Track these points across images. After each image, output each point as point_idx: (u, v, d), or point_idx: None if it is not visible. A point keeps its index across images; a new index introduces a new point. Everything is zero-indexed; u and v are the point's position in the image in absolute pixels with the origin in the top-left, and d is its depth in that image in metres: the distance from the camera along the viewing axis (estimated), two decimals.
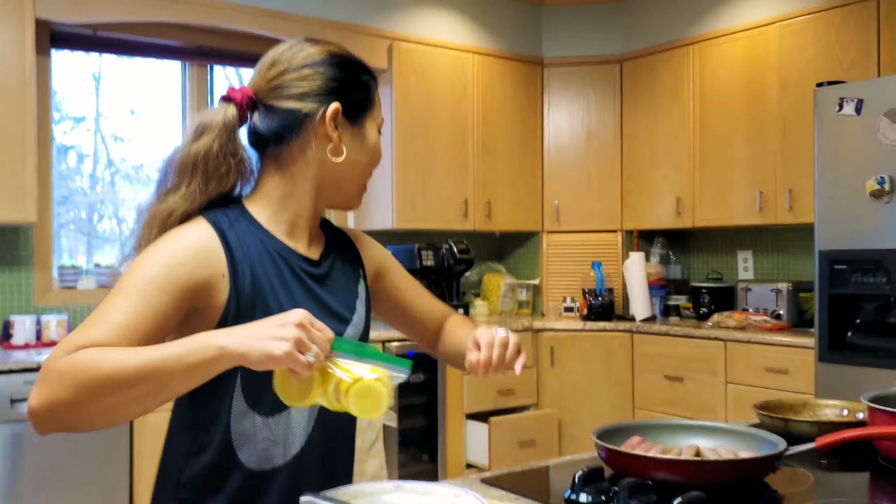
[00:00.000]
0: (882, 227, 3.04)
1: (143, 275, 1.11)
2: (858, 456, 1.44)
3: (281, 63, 1.22)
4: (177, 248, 1.14)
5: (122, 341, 1.06)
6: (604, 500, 1.18)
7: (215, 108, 1.21)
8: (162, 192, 1.20)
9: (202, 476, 1.21)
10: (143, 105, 4.13)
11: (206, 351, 1.02)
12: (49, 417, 1.03)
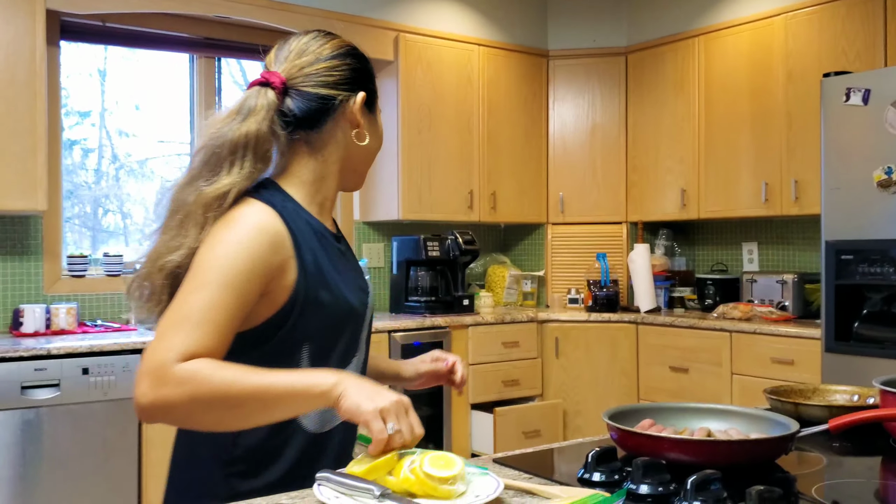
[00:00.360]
0: (889, 217, 3.04)
1: (229, 265, 1.13)
2: (870, 439, 1.45)
3: (310, 52, 1.28)
4: (254, 235, 1.16)
5: (224, 341, 1.12)
6: (617, 479, 1.19)
7: (253, 91, 1.25)
8: (208, 173, 1.20)
9: (261, 446, 1.24)
10: (149, 100, 4.14)
11: (319, 388, 1.10)
12: (159, 416, 1.10)
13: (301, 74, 1.27)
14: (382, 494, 1.06)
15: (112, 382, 3.01)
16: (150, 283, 1.22)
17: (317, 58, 1.28)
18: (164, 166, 4.30)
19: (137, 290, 1.24)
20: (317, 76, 1.27)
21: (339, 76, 1.29)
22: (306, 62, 1.28)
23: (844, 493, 1.17)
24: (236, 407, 1.10)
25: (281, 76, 1.26)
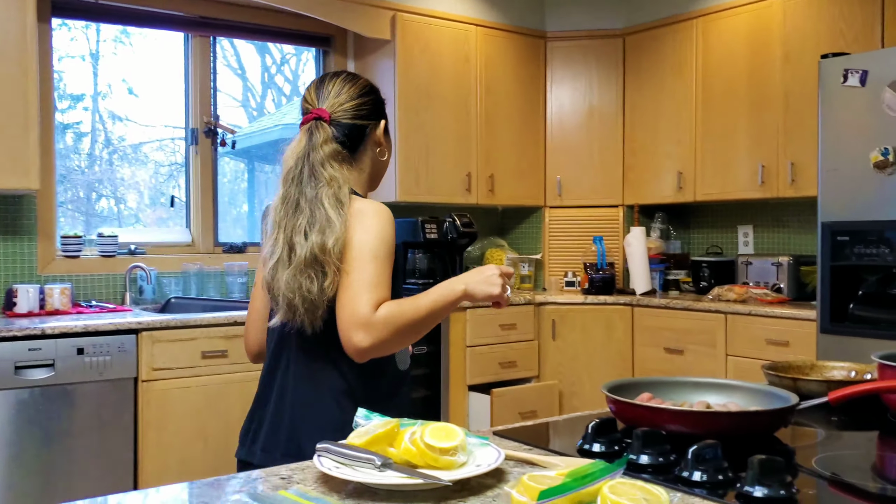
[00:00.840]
0: (885, 198, 3.04)
1: (384, 242, 1.55)
2: (868, 413, 1.45)
3: (345, 92, 1.67)
4: (390, 220, 1.58)
5: (390, 291, 1.53)
6: (616, 450, 1.19)
7: (315, 125, 1.62)
8: (314, 182, 1.57)
9: (381, 390, 1.62)
10: (143, 84, 4.11)
11: (456, 293, 1.54)
12: (374, 353, 1.49)
13: (342, 110, 1.65)
14: (384, 464, 1.06)
15: (107, 362, 3.00)
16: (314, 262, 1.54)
17: (351, 96, 1.66)
18: (157, 150, 4.28)
19: (294, 269, 1.53)
20: (354, 111, 1.66)
21: (369, 110, 1.68)
22: (345, 100, 1.66)
23: (843, 464, 1.17)
24: (420, 326, 1.52)
25: (327, 112, 1.63)
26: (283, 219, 1.57)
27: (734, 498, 0.98)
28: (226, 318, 3.25)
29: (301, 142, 1.62)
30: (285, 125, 4.87)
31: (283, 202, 1.58)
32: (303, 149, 1.61)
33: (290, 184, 1.59)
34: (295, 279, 1.51)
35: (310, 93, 1.69)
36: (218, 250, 4.09)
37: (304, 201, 1.55)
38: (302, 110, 1.69)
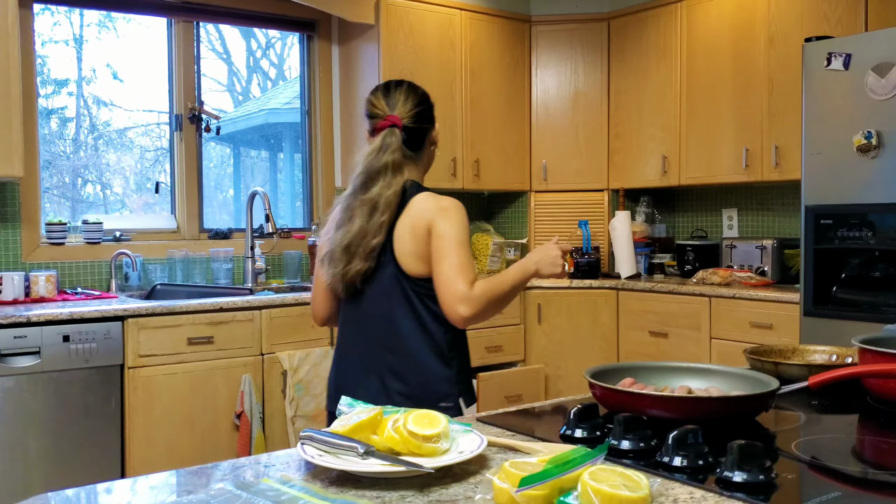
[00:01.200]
0: (868, 181, 3.06)
1: (466, 230, 1.89)
2: (848, 397, 1.47)
3: (411, 100, 1.99)
4: (464, 211, 1.92)
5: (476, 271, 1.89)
6: (598, 435, 1.20)
7: (387, 131, 1.93)
8: (371, 184, 1.89)
9: (460, 341, 1.96)
10: (127, 69, 4.07)
11: (529, 272, 1.94)
12: (474, 321, 1.83)
13: (409, 116, 1.97)
14: (366, 452, 1.07)
15: (93, 349, 2.99)
16: (365, 249, 1.88)
17: (417, 103, 1.99)
18: (143, 136, 4.24)
19: (351, 254, 1.88)
20: (419, 116, 1.98)
21: (429, 115, 2.03)
22: (411, 107, 1.98)
23: (823, 448, 1.18)
24: (505, 299, 1.89)
25: (399, 119, 1.94)
26: (349, 207, 1.92)
27: (714, 483, 0.99)
28: (212, 305, 3.25)
29: (380, 145, 1.93)
30: (270, 110, 4.84)
31: (352, 188, 1.93)
32: (376, 149, 1.93)
33: (371, 182, 1.90)
34: (345, 252, 1.90)
35: (378, 101, 1.99)
36: (203, 236, 4.08)
37: (381, 199, 1.88)
38: (370, 115, 2.00)
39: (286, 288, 3.99)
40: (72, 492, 1.01)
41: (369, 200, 1.88)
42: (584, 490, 0.87)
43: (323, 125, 4.45)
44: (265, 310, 3.39)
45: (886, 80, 2.99)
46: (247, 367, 3.33)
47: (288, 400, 3.41)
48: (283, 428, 3.43)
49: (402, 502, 0.96)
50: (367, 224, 1.87)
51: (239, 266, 4.06)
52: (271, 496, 0.96)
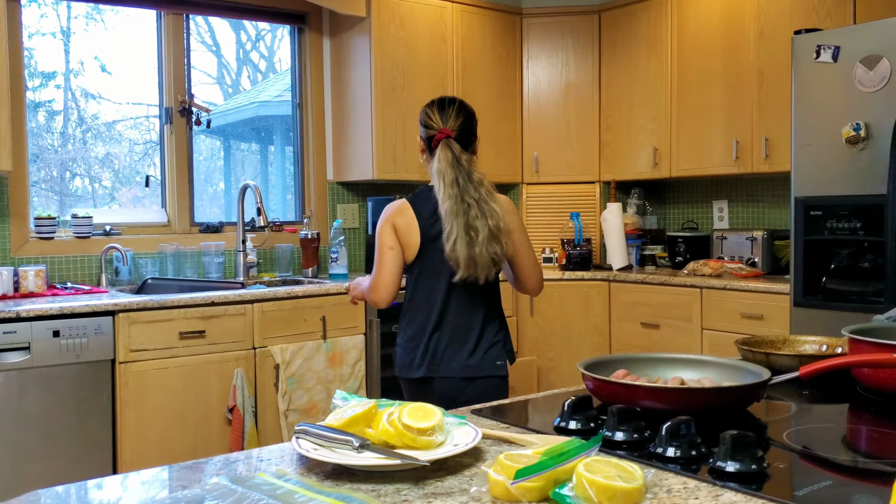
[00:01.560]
0: (857, 172, 3.08)
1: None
2: (838, 387, 1.48)
3: (462, 115, 2.43)
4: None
5: None
6: (592, 427, 1.21)
7: (449, 143, 2.38)
8: (472, 185, 2.34)
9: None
10: (116, 61, 4.05)
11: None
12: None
13: (460, 129, 2.41)
14: (362, 445, 1.07)
15: (84, 345, 2.98)
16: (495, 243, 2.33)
17: (467, 117, 2.44)
18: (132, 129, 4.22)
19: (486, 246, 2.31)
20: (469, 130, 2.44)
21: (475, 126, 2.47)
22: (462, 121, 2.42)
23: (813, 438, 1.19)
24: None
25: (452, 132, 2.38)
26: (457, 213, 2.28)
27: (707, 473, 1.00)
28: (203, 299, 3.24)
29: (448, 155, 2.35)
30: (261, 102, 4.82)
31: (453, 200, 2.29)
32: (452, 159, 2.34)
33: (455, 187, 2.31)
34: (486, 250, 2.28)
35: (434, 115, 2.42)
36: (194, 230, 4.06)
37: (469, 199, 2.29)
38: (425, 125, 2.43)
39: (278, 281, 3.99)
40: (62, 488, 1.01)
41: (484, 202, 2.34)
42: (580, 481, 0.87)
43: (314, 118, 4.44)
44: (257, 303, 3.39)
45: (874, 72, 3.01)
46: (239, 361, 3.33)
47: (280, 394, 3.41)
48: (275, 422, 3.43)
49: (398, 495, 0.96)
50: (474, 218, 2.31)
51: (230, 260, 4.05)
52: (266, 490, 0.96)
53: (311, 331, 3.54)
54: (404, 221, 2.40)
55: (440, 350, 2.36)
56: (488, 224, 2.29)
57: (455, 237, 2.26)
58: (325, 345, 3.55)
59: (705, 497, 0.93)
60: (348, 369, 3.62)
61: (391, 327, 3.81)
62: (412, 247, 2.39)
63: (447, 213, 2.28)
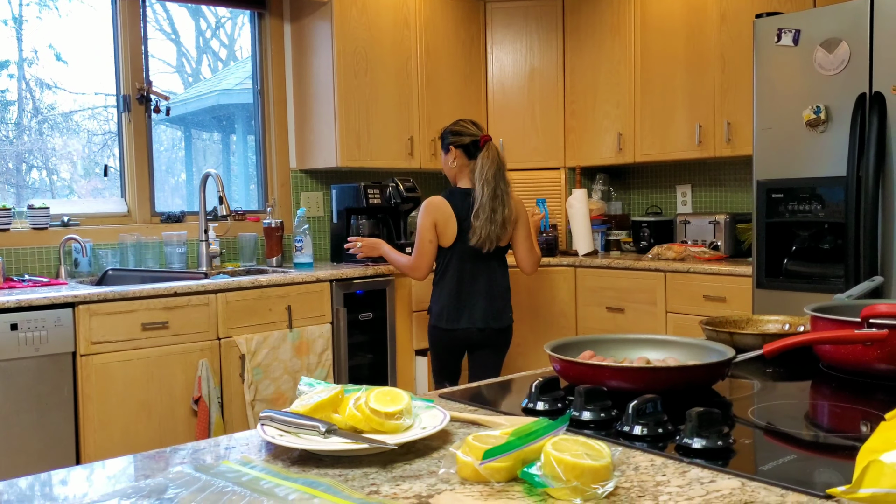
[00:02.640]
0: (817, 155, 3.12)
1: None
2: (801, 365, 1.50)
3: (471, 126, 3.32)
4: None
5: None
6: (560, 407, 1.21)
7: (491, 145, 3.24)
8: (504, 181, 3.26)
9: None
10: (70, 50, 3.95)
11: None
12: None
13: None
14: (328, 431, 1.06)
15: (43, 338, 2.92)
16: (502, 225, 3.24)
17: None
18: (90, 119, 4.13)
19: (496, 228, 3.21)
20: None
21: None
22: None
23: (777, 414, 1.21)
24: None
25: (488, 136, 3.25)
26: (489, 200, 3.16)
27: (674, 450, 1.00)
28: (165, 289, 3.19)
29: (493, 154, 3.20)
30: (222, 91, 4.75)
31: (490, 189, 3.16)
32: (495, 157, 3.20)
33: (493, 180, 3.17)
34: (498, 230, 3.20)
35: (469, 125, 3.30)
36: (155, 220, 4.00)
37: (500, 191, 3.18)
38: (463, 133, 3.27)
39: (242, 271, 3.95)
40: (25, 482, 0.99)
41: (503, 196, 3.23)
42: (548, 460, 0.87)
43: (276, 105, 4.39)
44: (221, 293, 3.35)
45: (834, 55, 3.04)
46: (203, 351, 3.29)
47: (247, 384, 3.38)
48: (242, 412, 3.39)
49: (366, 479, 0.95)
50: (497, 206, 3.20)
51: (193, 250, 3.99)
52: (231, 478, 0.95)
53: (276, 320, 3.50)
54: (444, 218, 3.23)
55: (467, 307, 3.26)
56: (504, 213, 3.19)
57: (484, 216, 3.16)
58: (290, 334, 3.52)
59: (672, 473, 0.93)
60: (315, 358, 3.60)
61: (357, 316, 3.79)
62: (449, 237, 3.25)
63: (487, 198, 3.16)
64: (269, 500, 0.87)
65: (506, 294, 3.34)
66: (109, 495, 0.91)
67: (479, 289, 3.27)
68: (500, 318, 3.30)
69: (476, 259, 3.26)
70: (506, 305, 3.33)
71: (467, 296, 3.27)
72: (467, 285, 3.27)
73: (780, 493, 0.86)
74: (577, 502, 0.85)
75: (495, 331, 3.30)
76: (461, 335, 3.28)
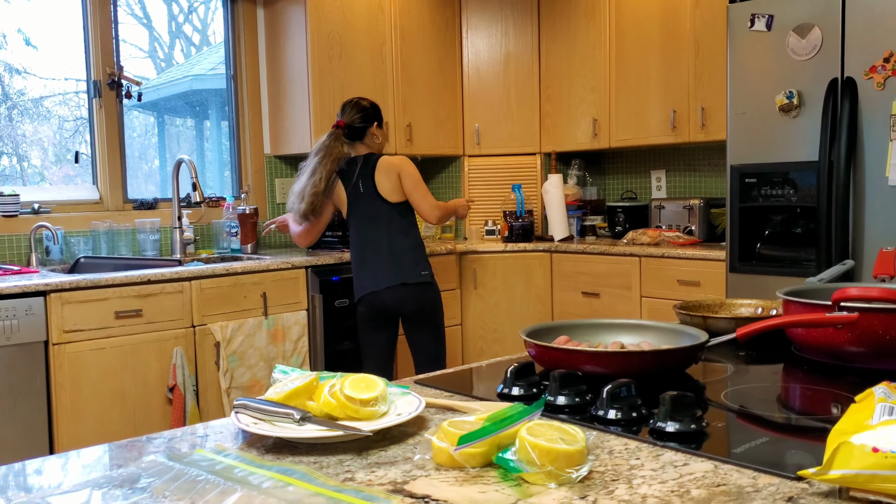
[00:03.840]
0: (790, 140, 3.15)
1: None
2: (774, 348, 1.52)
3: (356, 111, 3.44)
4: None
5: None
6: (535, 392, 1.21)
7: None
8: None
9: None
10: (40, 35, 3.88)
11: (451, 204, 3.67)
12: (442, 221, 3.45)
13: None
14: (303, 418, 1.05)
15: (14, 326, 2.88)
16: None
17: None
18: (61, 105, 4.06)
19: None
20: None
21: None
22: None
23: (750, 397, 1.22)
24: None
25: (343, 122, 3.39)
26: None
27: (647, 434, 1.01)
28: (139, 277, 3.16)
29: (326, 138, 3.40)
30: (195, 76, 4.69)
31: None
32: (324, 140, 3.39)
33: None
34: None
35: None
36: (128, 207, 3.95)
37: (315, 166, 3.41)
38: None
39: (216, 258, 3.91)
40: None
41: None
42: (522, 445, 0.87)
43: (249, 91, 4.34)
44: (195, 281, 3.32)
45: (807, 40, 3.07)
46: (178, 339, 3.26)
47: (222, 371, 3.36)
48: (217, 400, 3.38)
49: (341, 466, 0.95)
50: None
51: (166, 237, 3.95)
52: (205, 466, 0.94)
53: (251, 307, 3.48)
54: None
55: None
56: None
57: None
58: (266, 321, 3.50)
59: (646, 457, 0.94)
60: (291, 345, 3.59)
61: (334, 302, 3.77)
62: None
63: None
64: (243, 489, 0.86)
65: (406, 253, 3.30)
66: (81, 485, 0.90)
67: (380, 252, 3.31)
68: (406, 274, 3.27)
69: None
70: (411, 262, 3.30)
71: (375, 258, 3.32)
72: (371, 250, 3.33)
73: (753, 475, 0.87)
74: (551, 487, 0.85)
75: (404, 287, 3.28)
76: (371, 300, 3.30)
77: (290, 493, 0.85)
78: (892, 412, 0.85)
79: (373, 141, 3.37)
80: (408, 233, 3.31)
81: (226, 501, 0.83)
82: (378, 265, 3.26)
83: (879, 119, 2.90)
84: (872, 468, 0.76)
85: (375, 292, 3.25)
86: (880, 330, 1.29)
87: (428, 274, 3.31)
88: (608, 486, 0.85)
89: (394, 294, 3.25)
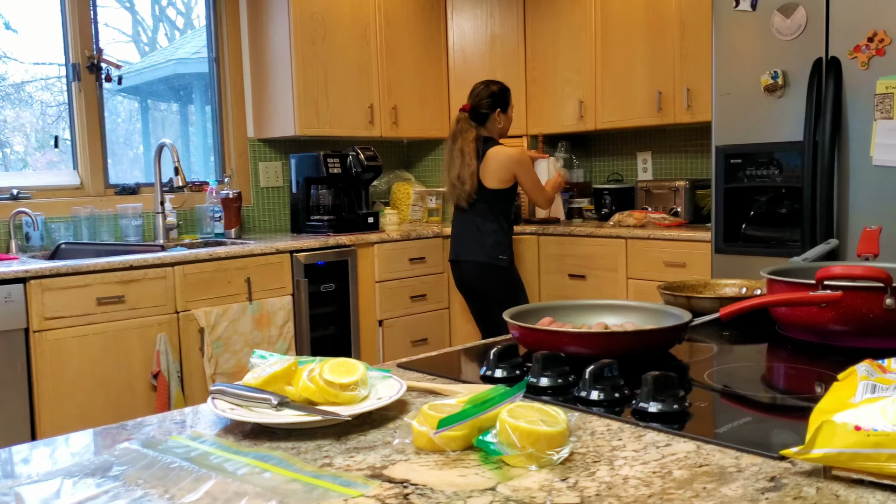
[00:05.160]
0: (775, 120, 3.14)
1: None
2: (758, 328, 1.51)
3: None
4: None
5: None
6: (518, 374, 1.20)
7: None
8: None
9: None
10: (20, 18, 3.81)
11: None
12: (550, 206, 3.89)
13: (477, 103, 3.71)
14: (281, 403, 1.03)
15: None
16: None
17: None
18: (42, 90, 4.00)
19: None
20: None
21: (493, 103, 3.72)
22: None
23: (734, 377, 1.21)
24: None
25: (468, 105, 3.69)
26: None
27: (630, 415, 1.00)
28: (121, 263, 3.12)
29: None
30: (178, 60, 4.63)
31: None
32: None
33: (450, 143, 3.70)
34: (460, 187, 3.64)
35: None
36: (110, 192, 3.91)
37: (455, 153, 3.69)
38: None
39: (200, 243, 3.88)
40: None
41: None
42: (503, 427, 0.86)
43: (232, 74, 4.29)
44: (178, 266, 3.29)
45: (791, 20, 3.05)
46: (161, 325, 3.24)
47: (207, 357, 3.34)
48: (202, 386, 3.36)
49: (319, 452, 0.93)
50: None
51: (149, 222, 3.92)
52: (180, 453, 0.92)
53: (235, 293, 3.46)
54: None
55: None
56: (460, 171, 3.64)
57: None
58: (251, 307, 3.47)
59: (628, 438, 0.93)
60: (276, 331, 3.57)
61: (319, 287, 3.75)
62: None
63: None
64: (218, 475, 0.84)
65: (478, 236, 3.58)
66: (52, 474, 0.88)
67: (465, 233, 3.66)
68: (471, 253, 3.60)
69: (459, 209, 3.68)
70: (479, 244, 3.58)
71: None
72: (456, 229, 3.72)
73: (735, 455, 0.86)
74: (532, 469, 0.84)
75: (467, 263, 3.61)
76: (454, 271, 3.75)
77: (267, 479, 0.83)
78: (874, 390, 0.84)
79: (494, 126, 3.61)
80: (490, 219, 3.61)
81: (200, 489, 0.81)
82: (460, 241, 3.66)
83: (863, 98, 2.90)
84: (855, 446, 0.75)
85: (457, 262, 3.69)
86: (864, 308, 1.28)
87: (495, 257, 3.58)
88: (589, 468, 0.84)
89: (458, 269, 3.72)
